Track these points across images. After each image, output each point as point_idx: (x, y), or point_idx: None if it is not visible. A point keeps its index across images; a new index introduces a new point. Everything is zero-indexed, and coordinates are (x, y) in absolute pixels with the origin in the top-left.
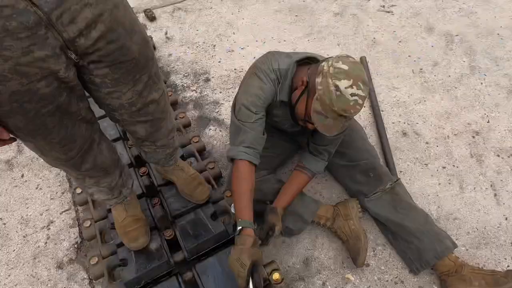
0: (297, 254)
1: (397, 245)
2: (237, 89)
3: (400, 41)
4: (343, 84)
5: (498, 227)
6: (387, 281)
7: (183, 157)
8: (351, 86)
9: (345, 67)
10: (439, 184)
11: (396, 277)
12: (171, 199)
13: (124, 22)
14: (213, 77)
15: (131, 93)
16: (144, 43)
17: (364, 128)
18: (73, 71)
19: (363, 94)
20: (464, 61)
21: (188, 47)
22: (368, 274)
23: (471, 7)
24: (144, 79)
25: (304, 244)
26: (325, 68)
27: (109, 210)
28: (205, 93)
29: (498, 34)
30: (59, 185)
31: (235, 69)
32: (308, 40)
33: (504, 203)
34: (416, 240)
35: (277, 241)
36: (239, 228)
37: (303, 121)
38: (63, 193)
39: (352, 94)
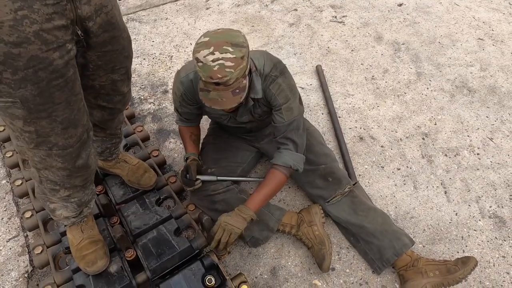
0: (264, 264)
1: (358, 247)
2: None
3: (352, 50)
4: (202, 54)
5: (450, 222)
6: (352, 283)
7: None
8: (211, 53)
9: (206, 39)
10: (395, 185)
11: (361, 279)
12: (131, 217)
13: (119, 20)
14: (171, 88)
15: (106, 78)
16: (129, 41)
17: (323, 134)
18: (75, 49)
19: (232, 56)
20: (411, 68)
21: (144, 59)
22: (334, 278)
23: (414, 18)
24: (122, 71)
25: (270, 253)
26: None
27: (63, 234)
28: (164, 105)
29: (439, 42)
30: (5, 210)
31: None
32: (266, 50)
33: (453, 200)
34: (375, 240)
35: (243, 252)
36: (186, 157)
37: None
38: (9, 218)
39: (214, 60)
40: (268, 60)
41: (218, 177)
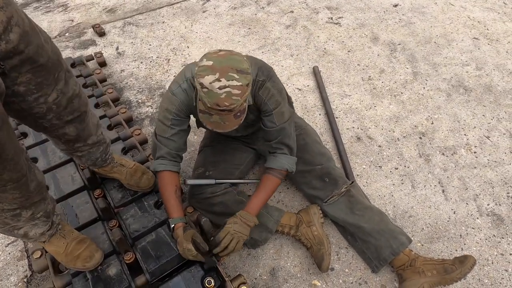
0: (263, 265)
1: (356, 246)
2: None
3: (349, 51)
4: (207, 80)
5: (448, 221)
6: (352, 283)
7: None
8: (217, 80)
9: (209, 62)
10: (393, 184)
11: (360, 278)
12: (130, 220)
13: (30, 24)
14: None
15: (56, 92)
16: (50, 41)
17: (321, 135)
18: (2, 84)
19: (238, 83)
20: (407, 68)
21: (141, 62)
22: (334, 278)
23: (409, 18)
24: (62, 75)
25: (269, 254)
26: (196, 68)
27: None
28: None
29: (434, 42)
30: None
31: None
32: (263, 52)
33: (451, 198)
34: (372, 239)
35: (242, 253)
36: (172, 226)
37: None
38: None
39: (221, 87)
40: (253, 65)
41: (217, 180)
